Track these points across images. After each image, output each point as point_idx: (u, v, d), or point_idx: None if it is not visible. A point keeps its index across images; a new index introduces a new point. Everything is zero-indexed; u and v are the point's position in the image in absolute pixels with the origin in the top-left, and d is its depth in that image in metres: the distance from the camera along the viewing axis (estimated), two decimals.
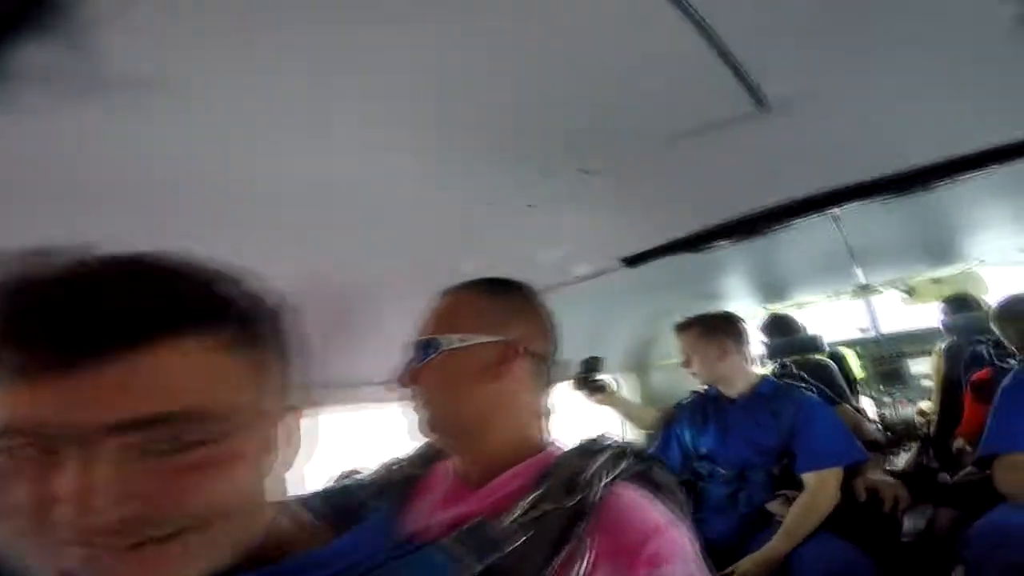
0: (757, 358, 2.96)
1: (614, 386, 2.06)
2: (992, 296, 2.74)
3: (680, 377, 2.41)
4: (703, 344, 1.85)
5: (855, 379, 2.85)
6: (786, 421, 1.73)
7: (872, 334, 3.61)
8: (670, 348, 2.59)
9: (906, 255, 2.42)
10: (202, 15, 0.51)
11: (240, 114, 0.66)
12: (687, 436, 1.94)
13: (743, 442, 1.78)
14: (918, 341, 3.39)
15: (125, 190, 0.71)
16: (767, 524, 1.62)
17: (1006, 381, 1.52)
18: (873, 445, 1.85)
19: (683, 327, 1.94)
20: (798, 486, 1.66)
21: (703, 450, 1.87)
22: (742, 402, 1.83)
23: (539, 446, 0.69)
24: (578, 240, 1.26)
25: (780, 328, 3.01)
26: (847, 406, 2.07)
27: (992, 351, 2.08)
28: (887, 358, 3.45)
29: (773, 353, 2.78)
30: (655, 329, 2.45)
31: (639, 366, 2.53)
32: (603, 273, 1.40)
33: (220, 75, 0.59)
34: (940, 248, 2.38)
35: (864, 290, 2.97)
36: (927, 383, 3.34)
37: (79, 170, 0.66)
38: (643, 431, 2.26)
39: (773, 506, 1.68)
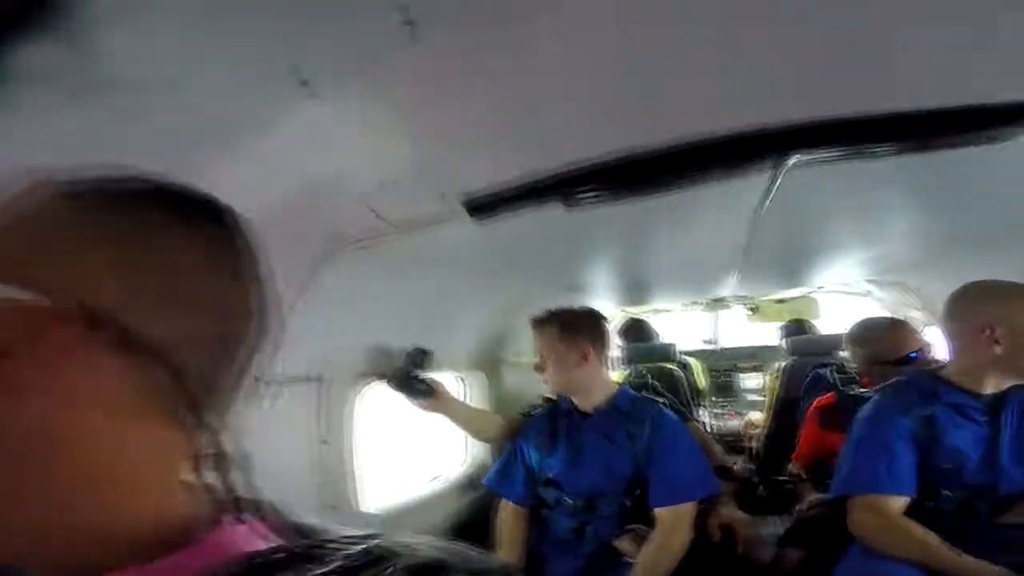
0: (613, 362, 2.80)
1: (445, 388, 1.62)
2: (824, 322, 2.91)
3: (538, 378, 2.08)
4: (563, 345, 1.51)
5: (698, 389, 2.82)
6: (642, 444, 1.47)
7: (713, 347, 3.75)
8: (527, 344, 2.24)
9: (763, 272, 2.38)
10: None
11: None
12: (533, 456, 1.58)
13: (595, 468, 1.48)
14: (750, 357, 3.58)
15: None
16: (615, 564, 1.40)
17: (864, 412, 1.37)
18: (722, 472, 1.67)
19: (541, 322, 1.57)
20: (649, 520, 1.42)
21: (550, 474, 1.54)
22: (597, 418, 1.53)
23: (157, 534, 0.33)
24: (391, 153, 0.75)
25: (638, 333, 2.88)
26: (696, 424, 1.89)
27: (836, 376, 2.08)
28: (722, 371, 3.58)
29: (630, 358, 2.62)
30: (511, 319, 2.05)
31: (489, 362, 2.11)
32: (436, 222, 0.91)
33: None
34: (791, 270, 2.39)
35: (716, 303, 2.96)
36: (752, 397, 3.54)
37: None
38: (486, 443, 1.84)
39: (622, 544, 1.43)
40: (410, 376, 1.49)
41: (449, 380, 1.66)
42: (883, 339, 1.72)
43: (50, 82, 0.49)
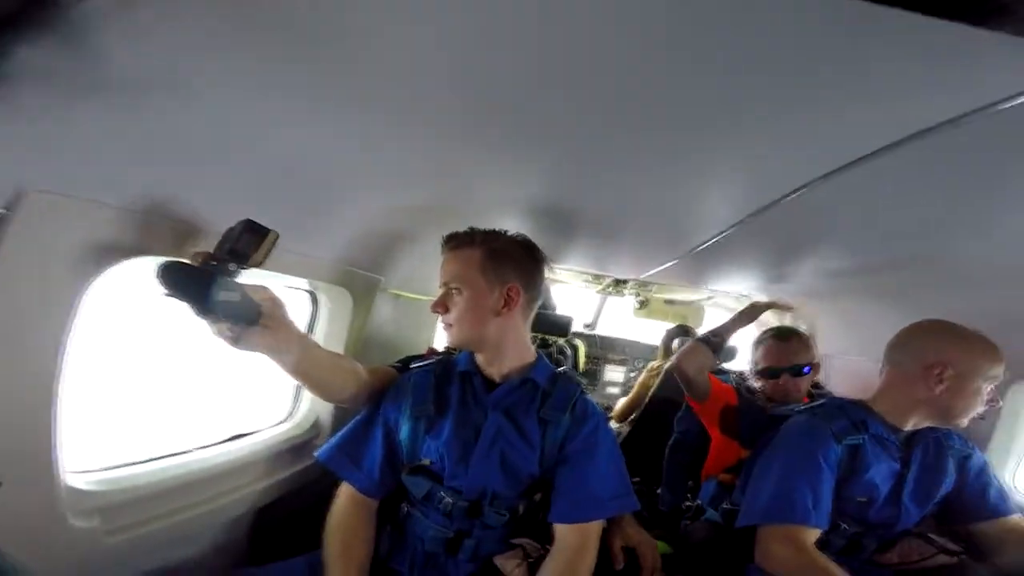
0: None
1: (282, 307, 0.86)
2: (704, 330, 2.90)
3: (424, 322, 1.50)
4: (485, 280, 1.05)
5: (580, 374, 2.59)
6: (556, 437, 1.08)
7: (590, 332, 3.61)
8: (420, 274, 1.67)
9: (674, 268, 2.18)
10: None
11: None
12: (404, 428, 1.07)
13: (496, 459, 1.04)
14: (621, 350, 3.51)
15: None
16: None
17: (792, 432, 1.27)
18: None
19: (460, 241, 1.08)
20: (539, 531, 1.07)
21: (425, 458, 1.06)
22: (506, 391, 1.09)
23: None
24: None
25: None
26: None
27: (740, 383, 1.97)
28: (591, 359, 3.46)
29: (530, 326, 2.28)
30: (409, 230, 1.47)
31: (364, 287, 1.49)
32: None
33: None
34: (699, 273, 2.24)
35: (617, 286, 2.74)
36: (611, 390, 3.49)
37: None
38: (334, 402, 1.25)
39: (507, 564, 1.03)
40: (222, 277, 0.74)
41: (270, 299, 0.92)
42: (769, 347, 1.67)
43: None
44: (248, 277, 0.80)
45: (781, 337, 1.68)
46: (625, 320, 3.44)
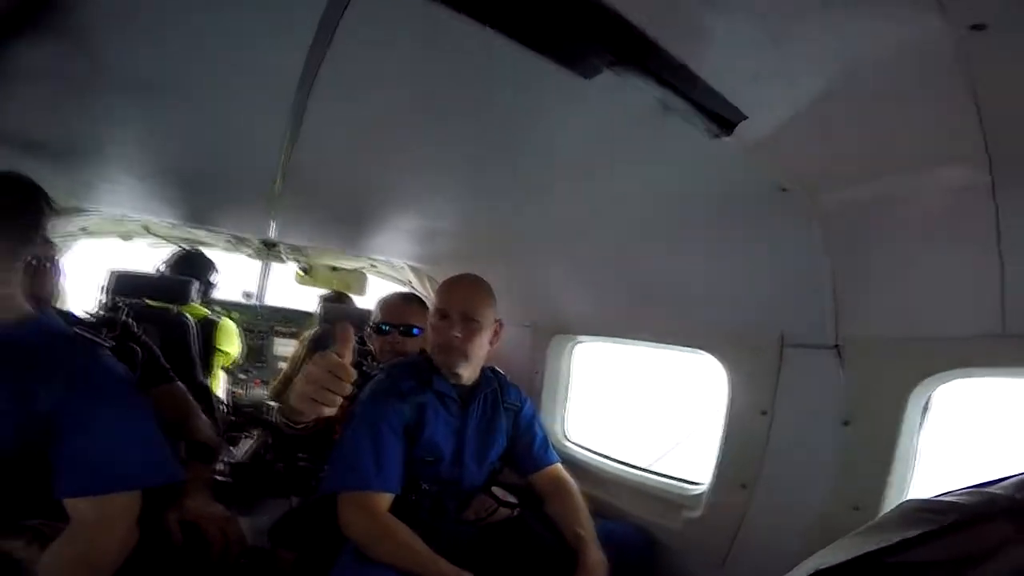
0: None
1: None
2: (366, 300, 2.95)
3: None
4: None
5: (220, 350, 2.29)
6: (45, 405, 0.86)
7: (254, 302, 3.28)
8: None
9: (331, 228, 2.13)
10: None
11: None
12: None
13: None
14: (290, 321, 3.31)
15: None
16: None
17: (364, 394, 1.24)
18: (201, 451, 1.23)
19: None
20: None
21: None
22: None
23: None
24: None
25: (192, 266, 2.29)
26: (179, 386, 1.33)
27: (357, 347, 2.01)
28: (257, 332, 3.16)
29: (117, 288, 1.86)
30: None
31: None
32: None
33: None
34: (358, 236, 2.25)
35: (268, 249, 2.51)
36: (284, 366, 3.27)
37: None
38: None
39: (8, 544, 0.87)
40: None
41: None
42: (387, 304, 1.67)
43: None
44: None
45: (401, 298, 1.72)
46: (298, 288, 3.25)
